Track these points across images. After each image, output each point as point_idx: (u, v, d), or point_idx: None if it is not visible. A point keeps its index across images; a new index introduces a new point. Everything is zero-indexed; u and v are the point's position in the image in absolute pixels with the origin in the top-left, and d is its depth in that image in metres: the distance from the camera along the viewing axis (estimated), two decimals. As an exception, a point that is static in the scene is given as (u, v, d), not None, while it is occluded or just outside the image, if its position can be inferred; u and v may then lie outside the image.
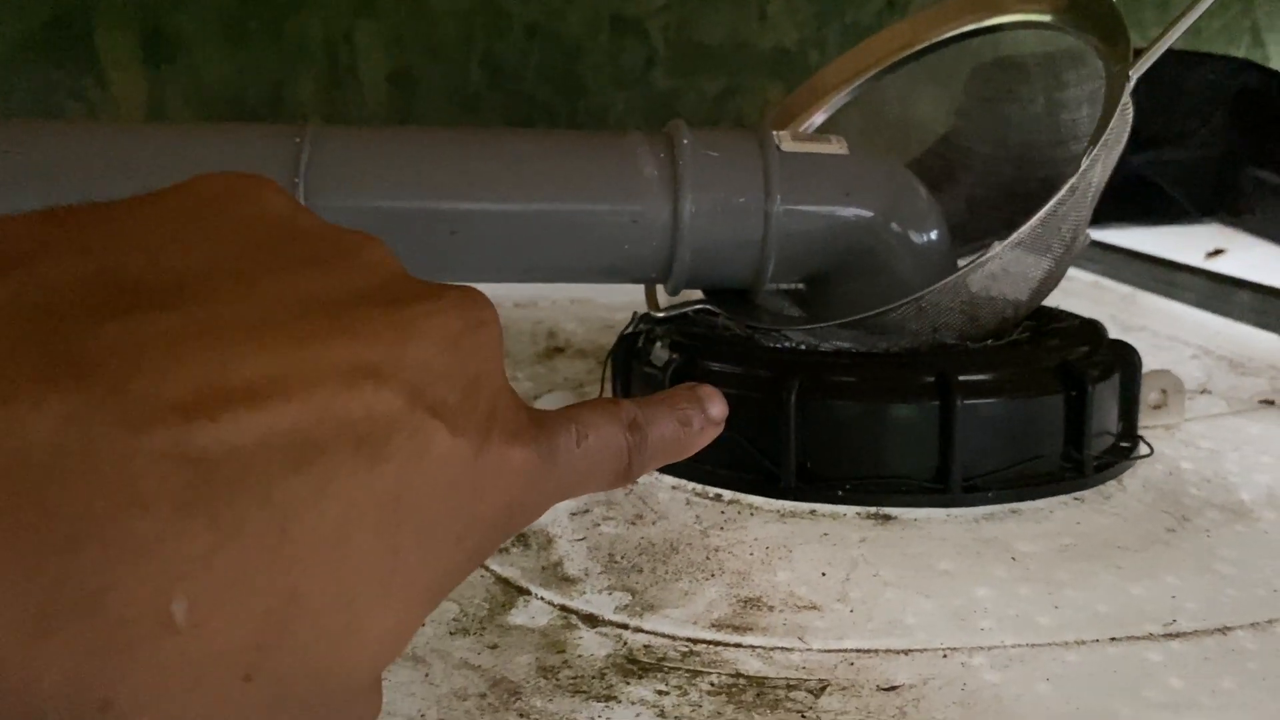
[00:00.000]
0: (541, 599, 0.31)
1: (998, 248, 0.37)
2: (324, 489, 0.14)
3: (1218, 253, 0.74)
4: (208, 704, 0.14)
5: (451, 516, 0.17)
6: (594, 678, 0.27)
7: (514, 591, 0.32)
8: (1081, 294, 0.71)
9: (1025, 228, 0.37)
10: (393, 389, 0.16)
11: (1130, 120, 0.41)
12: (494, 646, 0.28)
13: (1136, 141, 0.42)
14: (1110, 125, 0.38)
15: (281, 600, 0.14)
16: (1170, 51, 0.38)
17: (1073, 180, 0.37)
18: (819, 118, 0.47)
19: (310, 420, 0.14)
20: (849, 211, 0.41)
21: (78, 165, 0.39)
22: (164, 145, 0.41)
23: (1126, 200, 0.76)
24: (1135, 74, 0.38)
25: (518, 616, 0.30)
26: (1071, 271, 0.51)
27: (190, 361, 0.14)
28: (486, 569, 0.33)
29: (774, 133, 0.41)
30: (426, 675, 0.27)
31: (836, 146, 0.42)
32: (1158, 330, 0.62)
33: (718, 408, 0.24)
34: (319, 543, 0.14)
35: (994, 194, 0.48)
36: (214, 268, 0.16)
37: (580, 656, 0.28)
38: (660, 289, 0.45)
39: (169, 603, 0.13)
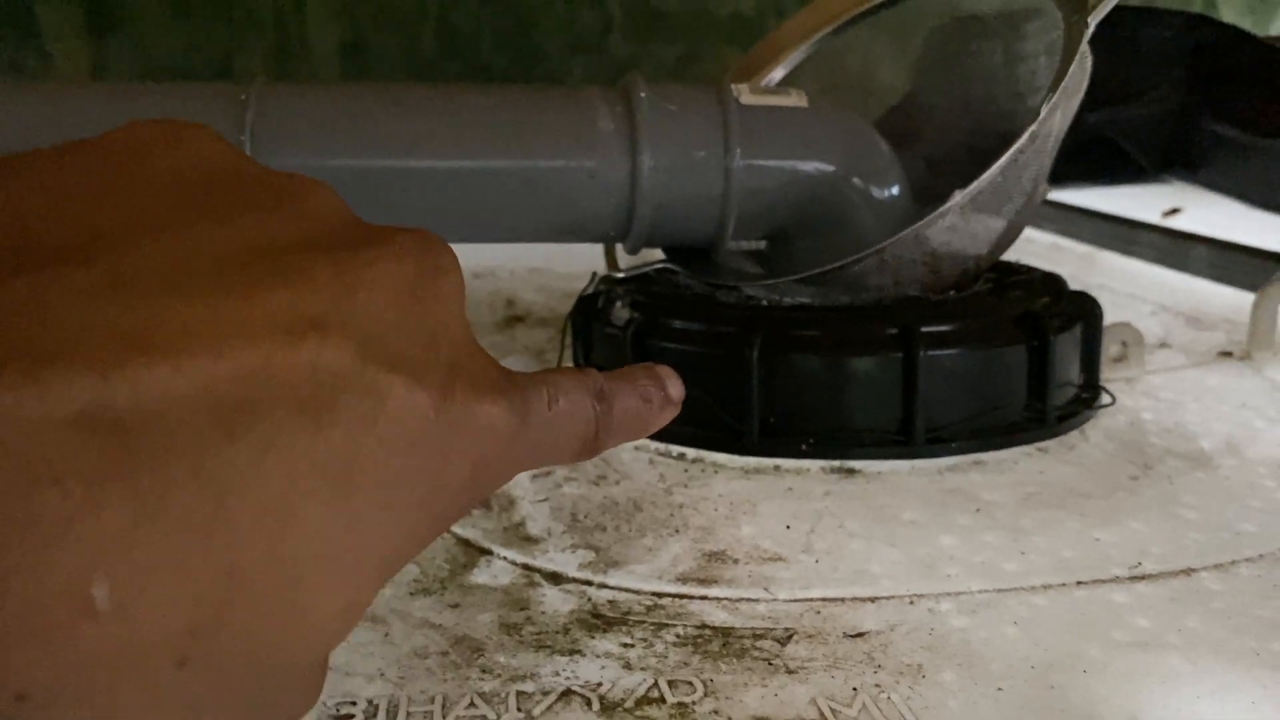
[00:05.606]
0: (504, 559, 0.31)
1: (959, 196, 0.37)
2: (264, 457, 0.13)
3: (1174, 212, 0.75)
4: (137, 693, 0.13)
5: (413, 480, 0.16)
6: (558, 633, 0.26)
7: (475, 552, 0.31)
8: (1040, 254, 0.71)
9: (986, 175, 0.37)
10: (339, 342, 0.14)
11: (1089, 69, 0.40)
12: (455, 605, 0.28)
13: (1093, 99, 0.42)
14: (1070, 72, 0.37)
15: (217, 580, 0.13)
16: (1126, 7, 0.38)
17: (1032, 127, 0.37)
18: (778, 73, 0.47)
19: (245, 380, 0.13)
20: (810, 165, 0.41)
21: (11, 125, 0.38)
22: (104, 104, 0.39)
23: (1083, 159, 0.76)
24: (1094, 20, 0.38)
25: (479, 576, 0.30)
26: (1030, 232, 0.51)
27: (104, 318, 0.12)
28: (447, 531, 0.32)
29: (733, 86, 0.41)
30: (386, 635, 0.26)
31: (796, 99, 0.41)
32: (1116, 288, 0.63)
33: (675, 387, 0.23)
34: (260, 516, 0.13)
35: (954, 152, 0.48)
36: (139, 219, 0.14)
37: (543, 613, 0.27)
38: (620, 249, 0.44)
39: (87, 586, 0.12)
